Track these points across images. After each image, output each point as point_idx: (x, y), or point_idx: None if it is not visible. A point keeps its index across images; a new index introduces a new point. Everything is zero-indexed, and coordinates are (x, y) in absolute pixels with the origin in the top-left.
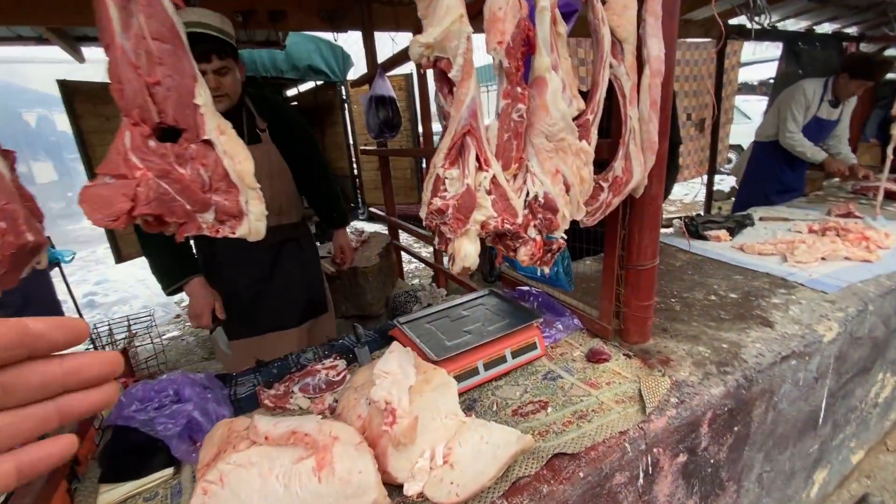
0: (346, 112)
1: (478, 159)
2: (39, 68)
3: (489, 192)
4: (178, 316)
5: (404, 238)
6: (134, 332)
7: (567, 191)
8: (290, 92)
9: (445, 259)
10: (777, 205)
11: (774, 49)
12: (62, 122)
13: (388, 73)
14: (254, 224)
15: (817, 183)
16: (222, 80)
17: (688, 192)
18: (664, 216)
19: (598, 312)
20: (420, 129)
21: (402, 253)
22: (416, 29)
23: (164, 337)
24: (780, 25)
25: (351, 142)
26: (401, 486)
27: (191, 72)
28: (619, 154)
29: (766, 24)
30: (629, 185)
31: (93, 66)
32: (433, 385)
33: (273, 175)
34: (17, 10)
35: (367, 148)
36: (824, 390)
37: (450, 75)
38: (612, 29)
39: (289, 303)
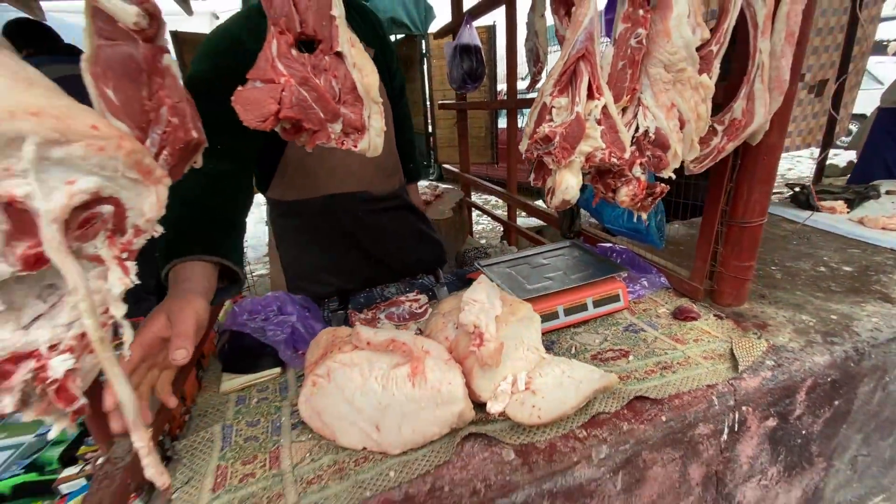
0: (425, 67)
1: (590, 87)
2: None
3: (599, 122)
4: (266, 255)
5: (475, 198)
6: None
7: (681, 127)
8: None
9: (539, 202)
10: None
11: None
12: None
13: (471, 20)
14: (374, 139)
15: None
16: None
17: (792, 167)
18: None
19: (687, 272)
20: (498, 86)
21: (472, 212)
22: None
23: (253, 274)
24: None
25: (428, 98)
26: (483, 405)
27: None
28: (741, 93)
29: None
30: (748, 130)
31: (199, 17)
32: (518, 317)
33: (386, 119)
34: None
35: (447, 102)
36: None
37: None
38: None
39: (397, 270)
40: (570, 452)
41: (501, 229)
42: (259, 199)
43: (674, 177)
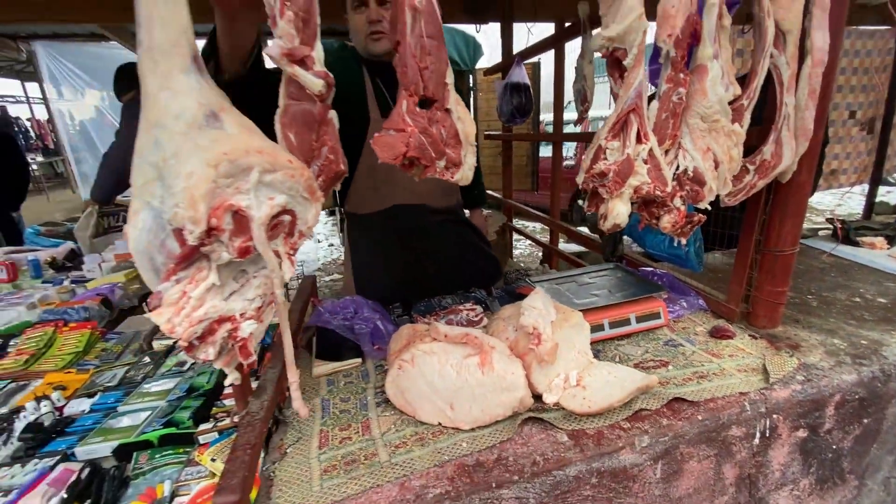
0: (473, 99)
1: (638, 134)
2: None
3: (645, 162)
4: (319, 269)
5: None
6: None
7: (716, 167)
8: None
9: (582, 228)
10: None
11: None
12: None
13: (522, 61)
14: (466, 172)
15: None
16: (384, 13)
17: (842, 203)
18: (806, 225)
19: (724, 296)
20: (542, 116)
21: (512, 236)
22: (558, 19)
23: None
24: None
25: None
26: (539, 396)
27: (446, 59)
28: (770, 138)
29: None
30: (776, 170)
31: None
32: (571, 323)
33: None
34: (70, 9)
35: (492, 132)
36: None
37: (624, 63)
38: (776, 21)
39: (451, 280)
40: (615, 439)
41: (539, 254)
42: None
43: (710, 208)
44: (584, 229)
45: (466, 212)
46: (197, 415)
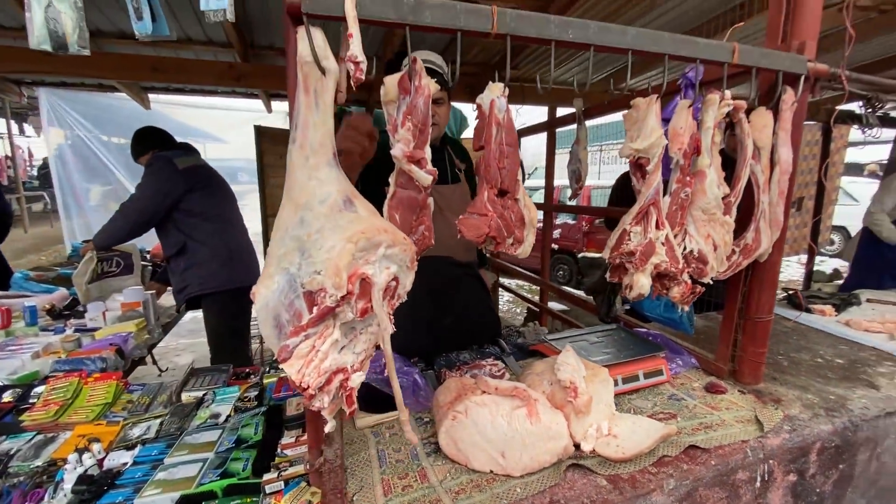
0: None
1: (657, 222)
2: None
3: (663, 244)
4: None
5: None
6: None
7: (715, 250)
8: None
9: (567, 287)
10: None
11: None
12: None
13: None
14: (526, 248)
15: None
16: (437, 109)
17: (783, 270)
18: None
19: (713, 356)
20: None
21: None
22: (547, 103)
23: None
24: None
25: None
26: (577, 445)
27: (518, 160)
28: (751, 227)
29: (876, 136)
30: (757, 252)
31: (276, 115)
32: (599, 378)
33: None
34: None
35: None
36: None
37: (647, 168)
38: (754, 140)
39: (462, 332)
40: (647, 482)
41: (517, 310)
42: None
43: (711, 283)
44: (568, 288)
45: None
46: (255, 465)
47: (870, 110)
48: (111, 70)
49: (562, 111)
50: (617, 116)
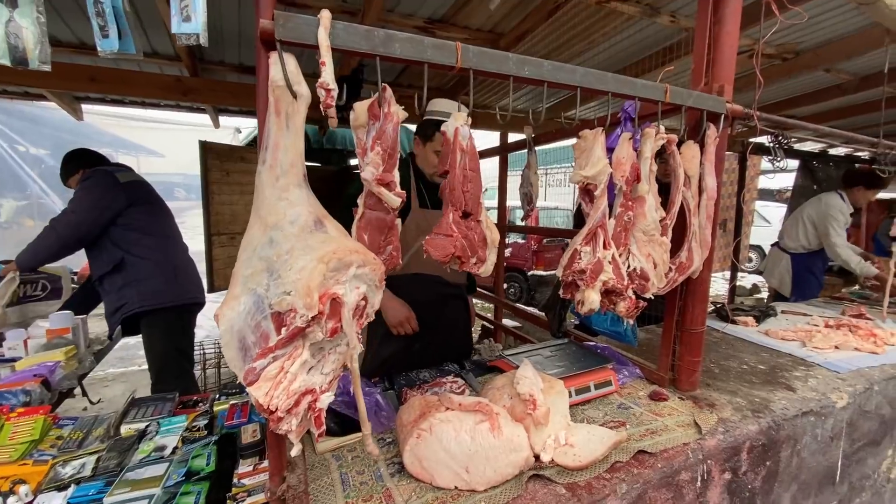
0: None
1: (604, 242)
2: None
3: (610, 263)
4: None
5: None
6: (221, 352)
7: (655, 267)
8: (356, 161)
9: (520, 304)
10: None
11: (793, 161)
12: None
13: None
14: (488, 266)
15: (837, 288)
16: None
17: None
18: None
19: (655, 365)
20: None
21: None
22: (497, 128)
23: None
24: (797, 145)
25: None
26: (537, 456)
27: (480, 185)
28: (684, 247)
29: (783, 166)
30: (690, 269)
31: (223, 130)
32: (556, 391)
33: None
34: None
35: None
36: (839, 451)
37: (595, 193)
38: (685, 169)
39: (443, 352)
40: (602, 488)
41: (475, 329)
42: None
43: (653, 298)
44: (522, 306)
45: None
46: (209, 498)
47: (776, 144)
48: (45, 79)
49: (513, 137)
50: (561, 143)
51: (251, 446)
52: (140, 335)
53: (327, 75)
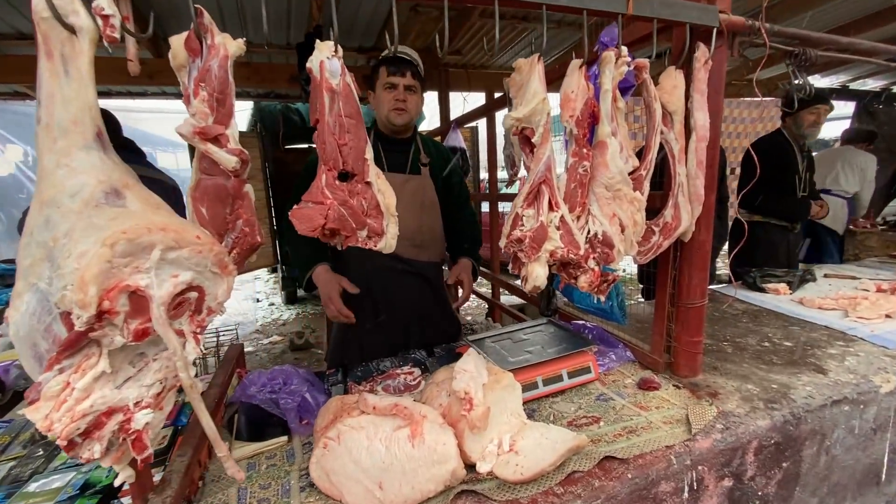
0: None
1: (550, 202)
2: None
3: (558, 228)
4: (257, 330)
5: None
6: (221, 342)
7: (622, 231)
8: None
9: (518, 281)
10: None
11: (845, 108)
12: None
13: (458, 128)
14: (389, 241)
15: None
16: (408, 96)
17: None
18: (716, 270)
19: (650, 346)
20: (482, 175)
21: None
22: (487, 89)
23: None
24: (853, 85)
25: None
26: (473, 465)
27: (364, 137)
28: (668, 203)
29: (807, 95)
30: (678, 230)
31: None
32: (503, 385)
33: (424, 206)
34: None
35: None
36: (885, 444)
37: (532, 140)
38: (662, 104)
39: (407, 337)
40: None
41: (485, 306)
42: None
43: (625, 269)
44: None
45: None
46: None
47: (795, 66)
48: (12, 74)
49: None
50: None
51: (156, 455)
52: None
53: None
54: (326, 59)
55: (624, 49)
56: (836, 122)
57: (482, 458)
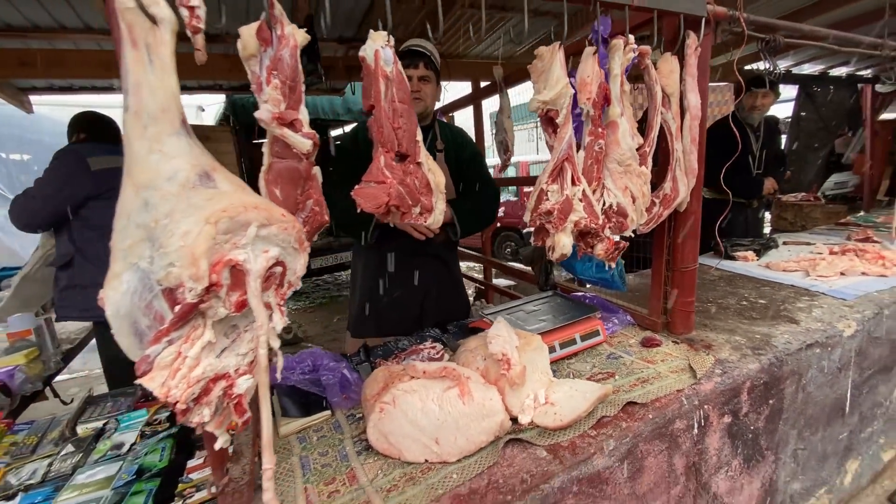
0: None
1: (572, 177)
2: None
3: (581, 201)
4: None
5: None
6: None
7: (633, 202)
8: (336, 132)
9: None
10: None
11: (791, 90)
12: None
13: (442, 116)
14: (437, 216)
15: (842, 215)
16: (422, 86)
17: None
18: None
19: (646, 311)
20: None
21: None
22: (473, 78)
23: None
24: (795, 70)
25: None
26: (514, 419)
27: (416, 121)
28: (668, 177)
29: (775, 77)
30: (676, 201)
31: (186, 108)
32: (533, 347)
33: None
34: None
35: None
36: (848, 381)
37: (557, 121)
38: (662, 87)
39: (422, 313)
40: (587, 447)
41: (471, 292)
42: None
43: (633, 236)
44: (513, 264)
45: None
46: (157, 496)
47: (767, 51)
48: None
49: (486, 86)
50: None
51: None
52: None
53: None
54: (381, 49)
55: (631, 37)
56: (783, 105)
57: (521, 411)
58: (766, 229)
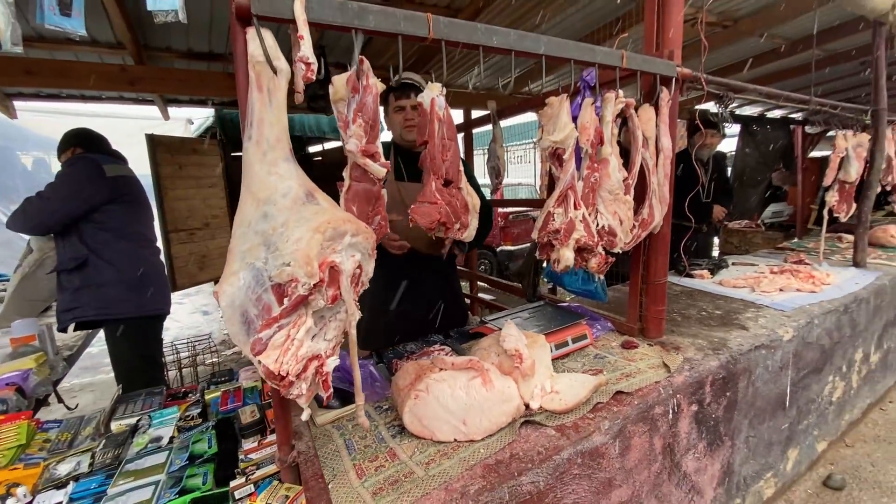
0: None
1: (574, 203)
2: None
3: (581, 222)
4: (222, 342)
5: None
6: (196, 350)
7: (621, 224)
8: (314, 148)
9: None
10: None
11: (735, 128)
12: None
13: None
14: (471, 231)
15: (779, 240)
16: (416, 115)
17: None
18: None
19: (624, 318)
20: None
21: None
22: (464, 108)
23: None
24: (738, 111)
25: None
26: (526, 405)
27: (458, 152)
28: (646, 204)
29: (726, 122)
30: (652, 224)
31: (174, 122)
32: (538, 345)
33: None
34: None
35: None
36: (787, 379)
37: (563, 157)
38: (642, 131)
39: (427, 323)
40: (587, 426)
41: None
42: None
43: (620, 253)
44: (496, 278)
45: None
46: (216, 476)
47: (722, 106)
48: None
49: (476, 114)
50: (521, 119)
51: (252, 426)
52: (101, 339)
53: (306, 49)
54: (436, 96)
55: (621, 92)
56: (727, 140)
57: (531, 399)
58: (715, 252)
